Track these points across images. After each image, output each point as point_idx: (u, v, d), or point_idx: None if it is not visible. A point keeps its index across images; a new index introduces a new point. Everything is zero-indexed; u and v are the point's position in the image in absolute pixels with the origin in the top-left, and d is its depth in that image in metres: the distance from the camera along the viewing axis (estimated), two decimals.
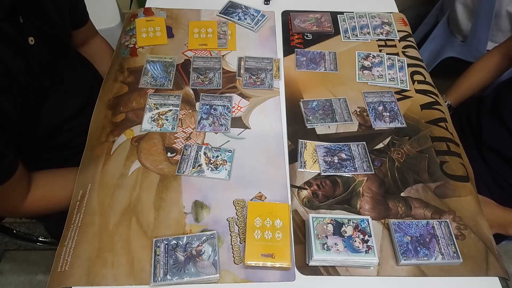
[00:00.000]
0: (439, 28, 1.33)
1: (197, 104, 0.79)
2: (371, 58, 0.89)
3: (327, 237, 0.58)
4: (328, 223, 0.59)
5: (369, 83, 0.85)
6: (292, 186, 0.68)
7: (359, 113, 0.79)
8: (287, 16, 1.00)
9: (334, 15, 0.99)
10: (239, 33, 0.94)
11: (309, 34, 0.95)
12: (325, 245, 0.57)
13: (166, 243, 0.58)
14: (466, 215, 0.65)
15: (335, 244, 0.57)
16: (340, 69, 0.87)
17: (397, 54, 0.90)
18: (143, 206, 0.64)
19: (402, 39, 0.94)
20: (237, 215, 0.63)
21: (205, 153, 0.70)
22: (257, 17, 0.97)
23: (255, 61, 0.87)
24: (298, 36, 0.95)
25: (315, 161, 0.71)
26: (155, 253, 0.58)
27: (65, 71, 0.76)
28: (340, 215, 0.62)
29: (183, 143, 0.72)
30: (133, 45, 0.89)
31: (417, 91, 0.83)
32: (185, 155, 0.70)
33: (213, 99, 0.79)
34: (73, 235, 0.60)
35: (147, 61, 0.86)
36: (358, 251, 0.57)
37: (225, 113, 0.77)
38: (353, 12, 1.00)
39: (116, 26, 1.26)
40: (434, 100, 0.82)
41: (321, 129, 0.76)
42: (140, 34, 0.91)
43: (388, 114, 0.79)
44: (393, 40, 0.94)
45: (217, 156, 0.70)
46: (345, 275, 0.59)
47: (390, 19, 0.98)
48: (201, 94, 0.80)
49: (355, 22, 0.98)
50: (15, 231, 0.92)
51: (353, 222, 0.60)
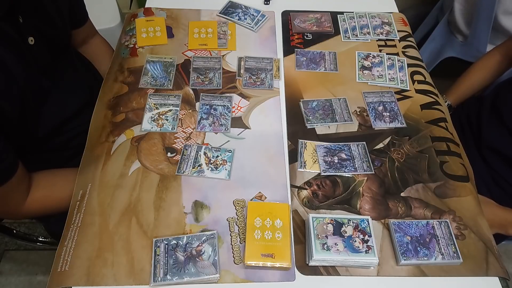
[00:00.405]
0: (439, 28, 1.33)
1: (197, 104, 0.79)
2: (371, 58, 0.89)
3: (327, 237, 0.58)
4: (328, 223, 0.59)
5: (369, 83, 0.85)
6: (292, 186, 0.68)
7: (359, 113, 0.79)
8: (287, 16, 1.00)
9: (334, 15, 0.99)
10: (239, 33, 0.94)
11: (309, 34, 0.95)
12: (325, 245, 0.57)
13: (166, 243, 0.58)
14: (466, 215, 0.65)
15: (335, 244, 0.57)
16: (340, 69, 0.87)
17: (397, 54, 0.90)
18: (143, 206, 0.64)
19: (402, 39, 0.94)
20: (237, 215, 0.63)
21: (205, 153, 0.70)
22: (257, 17, 0.97)
23: (255, 61, 0.87)
24: (298, 36, 0.95)
25: (315, 161, 0.71)
26: (155, 253, 0.58)
27: (65, 71, 0.76)
28: (340, 215, 0.62)
29: (183, 143, 0.72)
30: (133, 45, 0.89)
31: (417, 91, 0.83)
32: (185, 155, 0.70)
33: (213, 99, 0.79)
34: (73, 235, 0.60)
35: (147, 61, 0.86)
36: (358, 251, 0.57)
37: (225, 113, 0.77)
38: (353, 12, 1.00)
39: (116, 26, 1.26)
40: (434, 100, 0.82)
41: (321, 129, 0.76)
42: (140, 34, 0.91)
43: (388, 114, 0.79)
44: (393, 40, 0.94)
45: (217, 156, 0.70)
46: (345, 275, 0.59)
47: (390, 19, 0.98)
48: (201, 94, 0.80)
49: (355, 22, 0.98)
50: (15, 231, 0.92)
51: (353, 222, 0.60)
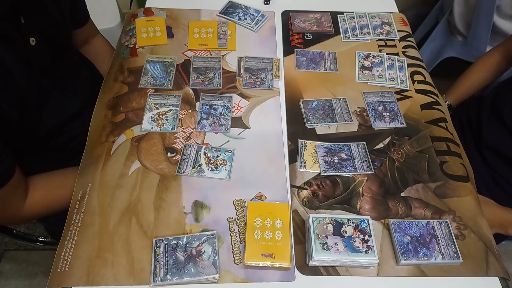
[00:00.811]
0: (439, 28, 1.33)
1: (197, 104, 0.79)
2: (371, 58, 0.89)
3: (327, 237, 0.58)
4: (328, 223, 0.59)
5: (369, 83, 0.85)
6: (292, 186, 0.68)
7: (359, 113, 0.79)
8: (287, 16, 1.00)
9: (334, 15, 0.99)
10: (239, 33, 0.94)
11: (309, 34, 0.95)
12: (325, 245, 0.57)
13: (166, 243, 0.58)
14: (466, 215, 0.65)
15: (335, 244, 0.57)
16: (340, 69, 0.87)
17: (397, 54, 0.90)
18: (143, 206, 0.64)
19: (402, 39, 0.94)
20: (237, 215, 0.63)
21: (205, 153, 0.70)
22: (257, 17, 0.97)
23: (255, 61, 0.87)
24: (298, 36, 0.95)
25: (315, 161, 0.71)
26: (155, 253, 0.58)
27: (66, 71, 0.75)
28: (340, 215, 0.62)
29: (183, 143, 0.72)
30: (133, 45, 0.89)
31: (417, 91, 0.83)
32: (185, 155, 0.70)
33: (213, 99, 0.79)
34: (73, 235, 0.60)
35: (147, 61, 0.85)
36: (358, 251, 0.57)
37: (225, 113, 0.77)
38: (353, 12, 1.00)
39: (116, 26, 1.26)
40: (434, 100, 0.82)
41: (321, 129, 0.76)
42: (140, 34, 0.91)
43: (388, 114, 0.79)
44: (393, 40, 0.94)
45: (217, 156, 0.70)
46: (345, 275, 0.58)
47: (390, 19, 0.98)
48: (201, 94, 0.80)
49: (355, 22, 0.98)
50: (15, 231, 0.92)
51: (353, 222, 0.60)
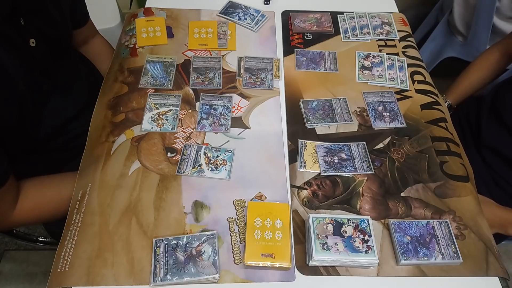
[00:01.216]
0: (439, 28, 1.33)
1: (197, 104, 0.79)
2: (371, 58, 0.89)
3: (327, 237, 0.58)
4: (328, 223, 0.59)
5: (369, 83, 0.85)
6: (292, 186, 0.68)
7: (359, 113, 0.79)
8: (287, 16, 1.00)
9: (334, 15, 0.99)
10: (239, 33, 0.94)
11: (309, 34, 0.95)
12: (325, 245, 0.57)
13: (166, 243, 0.58)
14: (466, 215, 0.65)
15: (335, 244, 0.57)
16: (340, 69, 0.87)
17: (397, 54, 0.90)
18: (143, 206, 0.64)
19: (402, 39, 0.94)
20: (237, 215, 0.63)
21: (205, 153, 0.70)
22: (257, 17, 0.97)
23: (255, 61, 0.87)
24: (298, 36, 0.95)
25: (315, 161, 0.71)
26: (155, 253, 0.58)
27: (66, 73, 0.75)
28: (340, 215, 0.62)
29: (183, 143, 0.72)
30: (133, 45, 0.89)
31: (417, 91, 0.83)
32: (185, 155, 0.70)
33: (213, 99, 0.79)
34: (73, 235, 0.60)
35: (147, 61, 0.85)
36: (358, 251, 0.57)
37: (225, 113, 0.77)
38: (353, 12, 1.00)
39: (116, 26, 1.26)
40: (434, 100, 0.82)
41: (321, 129, 0.76)
42: (140, 34, 0.91)
43: (388, 114, 0.79)
44: (393, 40, 0.94)
45: (217, 156, 0.70)
46: (345, 275, 0.59)
47: (390, 19, 0.98)
48: (201, 94, 0.80)
49: (355, 22, 0.98)
50: (15, 231, 0.91)
51: (353, 222, 0.60)
